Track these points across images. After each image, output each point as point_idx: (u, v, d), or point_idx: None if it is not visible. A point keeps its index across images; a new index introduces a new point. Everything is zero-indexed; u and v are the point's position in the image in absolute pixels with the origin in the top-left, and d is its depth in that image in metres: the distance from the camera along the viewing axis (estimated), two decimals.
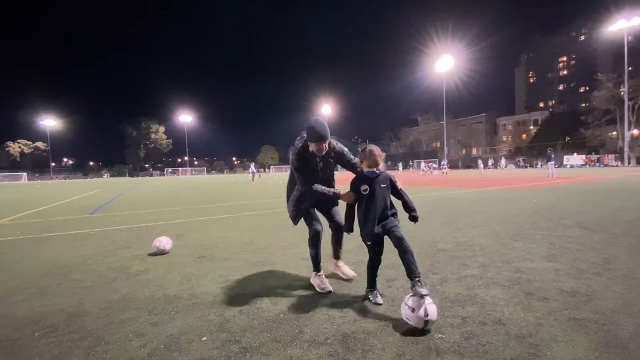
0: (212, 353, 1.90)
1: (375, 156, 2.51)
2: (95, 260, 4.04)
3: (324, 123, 2.68)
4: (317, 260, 2.94)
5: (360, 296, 2.65)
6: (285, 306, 2.50)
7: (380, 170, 2.56)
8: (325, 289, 2.75)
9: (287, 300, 2.61)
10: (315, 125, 2.62)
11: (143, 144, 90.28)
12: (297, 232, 5.18)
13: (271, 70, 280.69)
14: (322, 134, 2.62)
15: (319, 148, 2.70)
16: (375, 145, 2.60)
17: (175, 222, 6.89)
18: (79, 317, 2.43)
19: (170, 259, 3.99)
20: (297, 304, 2.53)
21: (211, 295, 2.76)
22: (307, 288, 2.85)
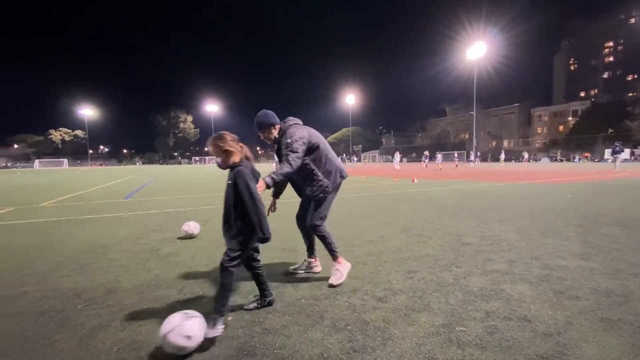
0: (236, 332, 1.99)
1: (209, 145, 2.14)
2: (129, 241, 4.29)
3: (262, 113, 2.71)
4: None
5: (382, 286, 2.65)
6: (306, 291, 2.56)
7: (227, 163, 2.11)
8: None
9: (308, 286, 2.67)
10: (257, 115, 2.71)
11: (172, 133, 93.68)
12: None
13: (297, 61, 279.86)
14: (255, 123, 2.69)
15: (262, 137, 2.76)
16: (224, 132, 2.14)
17: (202, 207, 7.16)
18: (115, 293, 2.62)
19: (197, 242, 4.17)
20: (318, 290, 2.58)
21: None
22: (327, 275, 2.89)
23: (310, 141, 2.68)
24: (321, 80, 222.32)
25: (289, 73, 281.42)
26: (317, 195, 2.75)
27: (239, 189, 2.04)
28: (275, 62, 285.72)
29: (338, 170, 2.85)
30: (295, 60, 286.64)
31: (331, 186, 2.79)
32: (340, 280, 2.74)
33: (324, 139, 2.88)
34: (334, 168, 2.82)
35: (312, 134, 2.74)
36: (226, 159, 2.12)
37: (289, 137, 2.60)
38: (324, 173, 2.75)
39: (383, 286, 2.64)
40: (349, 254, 3.51)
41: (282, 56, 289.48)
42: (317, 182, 2.73)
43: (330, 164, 2.80)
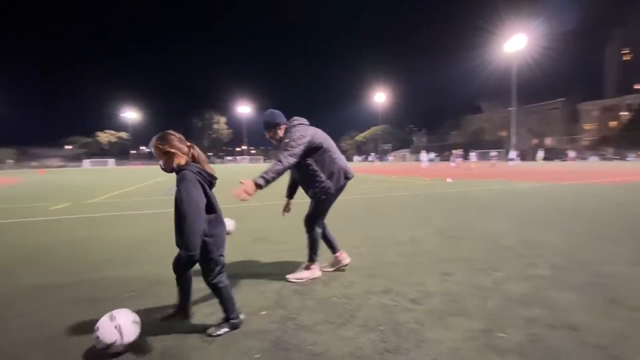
0: (270, 326, 2.04)
1: (151, 146, 1.92)
2: (169, 236, 4.52)
3: (268, 113, 2.77)
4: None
5: (415, 288, 2.60)
6: (337, 290, 2.57)
7: (170, 166, 1.89)
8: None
9: (339, 284, 2.67)
10: (263, 115, 2.76)
11: (206, 134, 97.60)
12: (349, 220, 5.24)
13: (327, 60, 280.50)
14: (262, 123, 2.75)
15: (268, 136, 2.80)
16: (168, 131, 1.93)
17: (236, 205, 7.40)
18: (156, 285, 2.78)
19: (231, 239, 4.28)
20: (349, 289, 2.58)
21: (268, 274, 2.95)
22: (358, 274, 2.88)
23: (313, 141, 2.61)
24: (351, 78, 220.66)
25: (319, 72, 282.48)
26: (319, 196, 2.71)
27: (179, 195, 1.80)
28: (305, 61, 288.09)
29: (342, 172, 2.76)
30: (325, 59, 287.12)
31: (334, 188, 2.71)
32: (296, 279, 2.74)
33: (329, 139, 2.80)
34: (338, 169, 2.73)
35: (315, 134, 2.67)
36: (168, 161, 1.89)
37: (286, 139, 2.58)
38: (327, 174, 2.69)
39: (416, 288, 2.58)
40: (380, 254, 3.47)
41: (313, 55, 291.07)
42: (320, 184, 2.67)
43: (334, 164, 2.71)
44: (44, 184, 16.32)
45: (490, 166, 28.17)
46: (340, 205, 6.65)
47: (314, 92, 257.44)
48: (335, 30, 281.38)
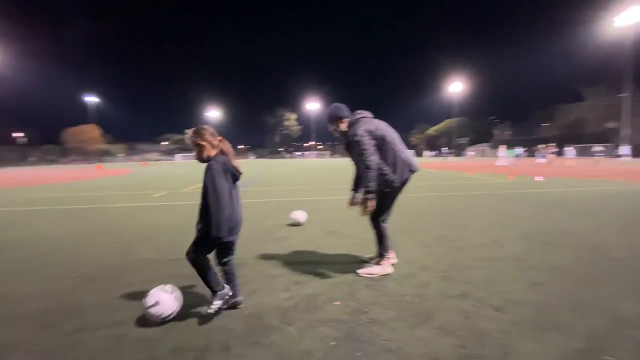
0: (344, 317, 2.11)
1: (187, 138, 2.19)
2: (249, 224, 4.94)
3: (333, 106, 2.80)
4: None
5: (498, 295, 2.40)
6: (410, 289, 2.52)
7: (201, 157, 2.16)
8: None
9: (412, 284, 2.61)
10: (328, 108, 2.83)
11: (278, 130, 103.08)
12: (421, 219, 5.04)
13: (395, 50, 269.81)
14: (325, 116, 2.81)
15: (330, 129, 2.85)
16: (202, 126, 2.21)
17: (306, 198, 7.72)
18: (242, 266, 3.08)
19: (304, 230, 4.53)
20: (423, 289, 2.50)
21: (339, 266, 3.03)
22: (432, 275, 2.77)
23: (375, 134, 2.64)
24: (422, 68, 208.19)
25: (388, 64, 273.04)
26: (382, 189, 2.67)
27: (205, 183, 2.02)
28: (373, 53, 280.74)
29: (406, 164, 2.73)
30: (395, 49, 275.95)
31: (398, 181, 2.69)
32: (367, 274, 2.73)
33: (393, 132, 2.80)
34: (401, 162, 2.71)
35: (377, 126, 2.70)
36: (200, 152, 2.14)
37: (352, 134, 2.64)
38: (391, 167, 2.67)
39: (500, 295, 2.38)
40: (455, 256, 3.28)
41: (382, 46, 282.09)
42: (383, 177, 2.65)
43: (397, 157, 2.70)
44: (147, 175, 19.21)
45: (594, 163, 23.93)
46: (411, 203, 6.46)
47: (381, 85, 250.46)
48: (403, 18, 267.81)
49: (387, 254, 2.85)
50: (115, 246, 3.90)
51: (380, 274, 2.76)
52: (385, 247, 2.82)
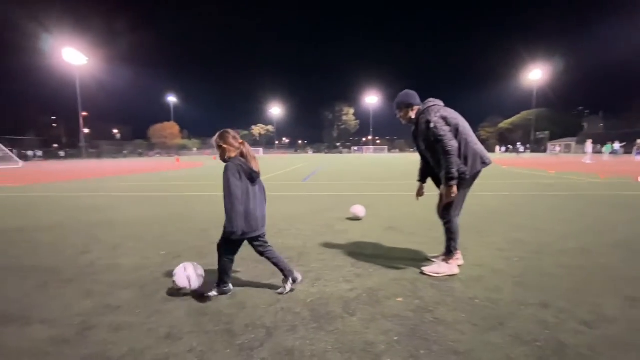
0: (407, 314, 2.08)
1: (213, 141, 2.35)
2: (309, 216, 5.14)
3: (403, 93, 2.75)
4: None
5: (585, 308, 2.14)
6: (479, 292, 2.37)
7: (223, 158, 2.30)
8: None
9: (482, 287, 2.45)
10: (398, 95, 2.77)
11: (336, 125, 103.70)
12: (493, 219, 4.67)
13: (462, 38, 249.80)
14: (394, 102, 2.77)
15: (398, 116, 2.79)
16: (227, 130, 2.34)
17: (364, 193, 7.69)
18: (304, 256, 3.22)
19: (363, 224, 4.54)
20: (495, 294, 2.34)
21: (400, 263, 2.97)
22: (505, 280, 2.57)
23: (450, 121, 2.52)
24: (497, 54, 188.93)
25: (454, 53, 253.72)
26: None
27: (223, 182, 2.18)
28: (438, 41, 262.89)
29: (478, 156, 2.57)
30: (463, 37, 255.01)
31: (469, 172, 2.54)
32: (433, 273, 2.65)
33: (465, 121, 2.63)
34: (473, 153, 2.55)
35: (450, 115, 2.57)
36: (222, 154, 2.29)
37: (424, 121, 2.55)
38: (462, 158, 2.53)
39: (587, 308, 2.12)
40: (532, 262, 2.98)
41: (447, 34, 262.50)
42: None
43: (469, 148, 2.55)
44: (216, 168, 20.96)
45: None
46: (480, 202, 6.02)
47: (448, 74, 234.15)
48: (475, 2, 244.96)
49: (456, 253, 2.72)
50: (193, 230, 4.36)
51: (446, 273, 2.65)
52: (454, 245, 2.70)
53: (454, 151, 2.43)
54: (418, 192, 3.01)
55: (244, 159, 2.28)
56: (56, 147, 57.94)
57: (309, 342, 1.79)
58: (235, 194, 2.15)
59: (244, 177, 2.23)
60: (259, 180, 2.37)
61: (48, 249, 3.57)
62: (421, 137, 2.62)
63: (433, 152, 2.57)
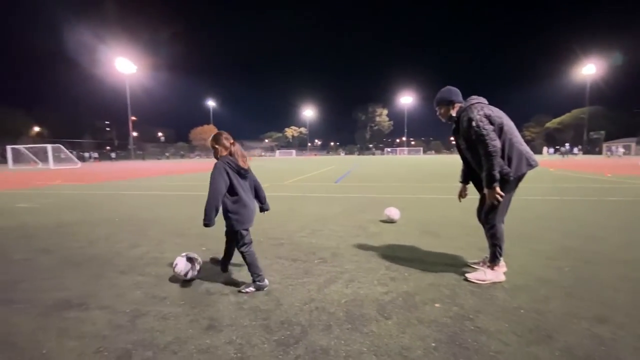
0: (445, 320, 2.01)
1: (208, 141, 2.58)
2: (342, 217, 5.14)
3: (445, 89, 2.65)
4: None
5: None
6: (525, 302, 2.23)
7: (215, 156, 2.52)
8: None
9: (528, 297, 2.30)
10: (439, 91, 2.68)
11: (369, 126, 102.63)
12: (541, 225, 4.37)
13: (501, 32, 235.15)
14: (435, 99, 2.68)
15: (438, 113, 2.71)
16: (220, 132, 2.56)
17: (398, 196, 7.52)
18: (338, 257, 3.22)
19: (397, 227, 4.45)
20: (542, 305, 2.18)
21: (437, 267, 2.88)
22: (554, 290, 2.39)
23: (493, 119, 2.39)
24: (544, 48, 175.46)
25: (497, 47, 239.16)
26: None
27: (210, 177, 2.35)
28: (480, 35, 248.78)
29: (524, 157, 2.42)
30: (505, 30, 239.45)
31: (512, 174, 2.38)
32: (477, 280, 2.53)
33: (510, 120, 2.49)
34: (519, 154, 2.41)
35: (494, 113, 2.43)
36: (215, 153, 2.49)
37: (466, 119, 2.42)
38: (506, 158, 2.39)
39: None
40: (586, 272, 2.75)
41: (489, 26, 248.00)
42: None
43: (514, 148, 2.41)
44: (252, 169, 21.54)
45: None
46: (526, 206, 5.67)
47: (489, 71, 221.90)
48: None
49: (501, 259, 2.58)
50: None
51: (491, 280, 2.52)
52: (500, 251, 2.56)
53: (496, 151, 2.30)
54: (460, 194, 2.89)
55: (233, 157, 2.47)
56: (108, 149, 63.10)
57: (343, 343, 1.80)
58: (218, 192, 2.32)
59: (233, 172, 2.43)
60: (250, 176, 2.59)
61: (103, 242, 3.90)
62: (462, 136, 2.51)
63: (474, 151, 2.46)
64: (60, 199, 7.76)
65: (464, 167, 2.81)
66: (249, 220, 2.48)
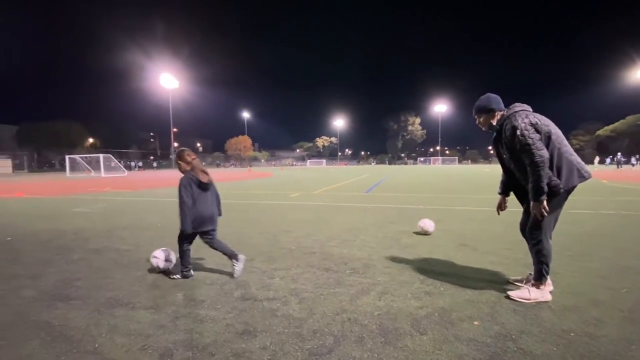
0: (485, 339, 1.91)
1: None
2: (374, 228, 5.07)
3: (484, 97, 2.54)
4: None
5: None
6: (575, 325, 2.06)
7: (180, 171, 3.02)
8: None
9: (579, 319, 2.12)
10: (479, 99, 2.58)
11: (401, 135, 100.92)
12: (595, 242, 4.03)
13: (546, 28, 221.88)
14: (474, 106, 2.58)
15: (477, 122, 2.60)
16: (183, 149, 3.04)
17: (432, 207, 7.29)
18: (370, 268, 3.19)
19: (432, 240, 4.31)
20: (596, 329, 2.00)
21: (475, 283, 2.74)
22: (608, 313, 2.19)
23: (540, 127, 2.25)
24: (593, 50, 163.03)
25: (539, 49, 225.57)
26: None
27: (178, 192, 2.83)
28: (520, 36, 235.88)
29: (575, 169, 2.26)
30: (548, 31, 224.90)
31: (562, 186, 2.22)
32: (521, 299, 2.38)
33: (557, 129, 2.34)
34: (569, 164, 2.25)
35: (541, 120, 2.29)
36: (180, 167, 2.96)
37: (509, 128, 2.29)
38: (555, 170, 2.24)
39: None
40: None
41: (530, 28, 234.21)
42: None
43: (564, 158, 2.25)
44: (284, 178, 22.03)
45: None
46: (578, 220, 5.31)
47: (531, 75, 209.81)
48: None
49: (547, 277, 2.41)
50: (264, 235, 4.65)
51: (537, 299, 2.36)
52: (547, 269, 2.39)
53: (543, 162, 2.16)
54: (499, 206, 2.76)
55: (193, 170, 2.90)
56: (152, 159, 67.53)
57: (377, 356, 1.77)
58: (184, 202, 2.81)
59: (194, 186, 2.88)
60: (212, 187, 3.04)
61: (148, 245, 4.17)
62: (505, 146, 2.39)
63: (518, 162, 2.33)
64: (111, 205, 8.40)
65: (504, 177, 2.68)
66: (200, 224, 2.91)
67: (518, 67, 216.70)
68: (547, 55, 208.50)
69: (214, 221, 3.01)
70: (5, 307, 2.45)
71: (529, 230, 2.41)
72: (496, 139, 2.52)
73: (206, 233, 2.97)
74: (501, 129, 2.41)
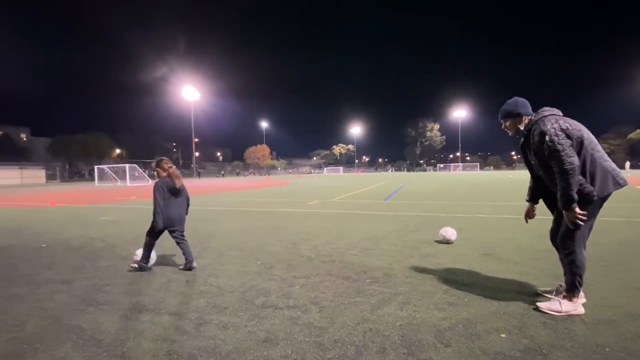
0: (513, 353, 1.84)
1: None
2: (394, 236, 5.01)
3: (511, 101, 2.48)
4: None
5: None
6: (611, 339, 1.94)
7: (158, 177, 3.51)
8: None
9: (614, 333, 2.01)
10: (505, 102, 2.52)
11: (419, 142, 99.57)
12: (620, 250, 3.82)
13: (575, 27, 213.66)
14: (500, 111, 2.53)
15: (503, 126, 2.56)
16: (162, 158, 3.54)
17: (454, 215, 7.12)
18: (390, 277, 3.14)
19: (454, 249, 4.20)
20: (633, 344, 1.89)
21: (501, 294, 2.65)
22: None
23: (571, 132, 2.15)
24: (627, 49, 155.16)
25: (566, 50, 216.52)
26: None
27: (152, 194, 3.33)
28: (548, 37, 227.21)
29: (610, 175, 2.15)
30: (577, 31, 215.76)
31: (596, 193, 2.12)
32: (552, 311, 2.27)
33: (590, 134, 2.23)
34: (603, 171, 2.15)
35: (572, 125, 2.19)
36: (158, 174, 3.43)
37: (538, 133, 2.20)
38: (588, 176, 2.14)
39: None
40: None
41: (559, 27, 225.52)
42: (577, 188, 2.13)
43: (598, 165, 2.15)
44: (302, 186, 22.16)
45: None
46: (612, 228, 5.07)
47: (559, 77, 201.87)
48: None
49: (580, 289, 2.30)
50: (283, 243, 4.68)
51: (568, 312, 2.25)
52: (580, 280, 2.27)
53: (573, 169, 2.06)
54: (528, 214, 2.66)
55: (170, 177, 3.37)
56: None
57: None
58: (157, 205, 3.29)
59: (167, 190, 3.35)
60: (183, 193, 3.53)
61: (171, 253, 4.29)
62: (533, 152, 2.31)
63: (547, 168, 2.24)
64: (136, 213, 8.72)
65: (533, 184, 2.60)
66: (168, 223, 3.39)
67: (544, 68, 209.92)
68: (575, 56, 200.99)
69: (181, 222, 3.51)
70: (42, 311, 2.58)
71: (561, 240, 2.31)
72: (524, 144, 2.44)
73: (174, 231, 3.44)
74: (529, 134, 2.33)
